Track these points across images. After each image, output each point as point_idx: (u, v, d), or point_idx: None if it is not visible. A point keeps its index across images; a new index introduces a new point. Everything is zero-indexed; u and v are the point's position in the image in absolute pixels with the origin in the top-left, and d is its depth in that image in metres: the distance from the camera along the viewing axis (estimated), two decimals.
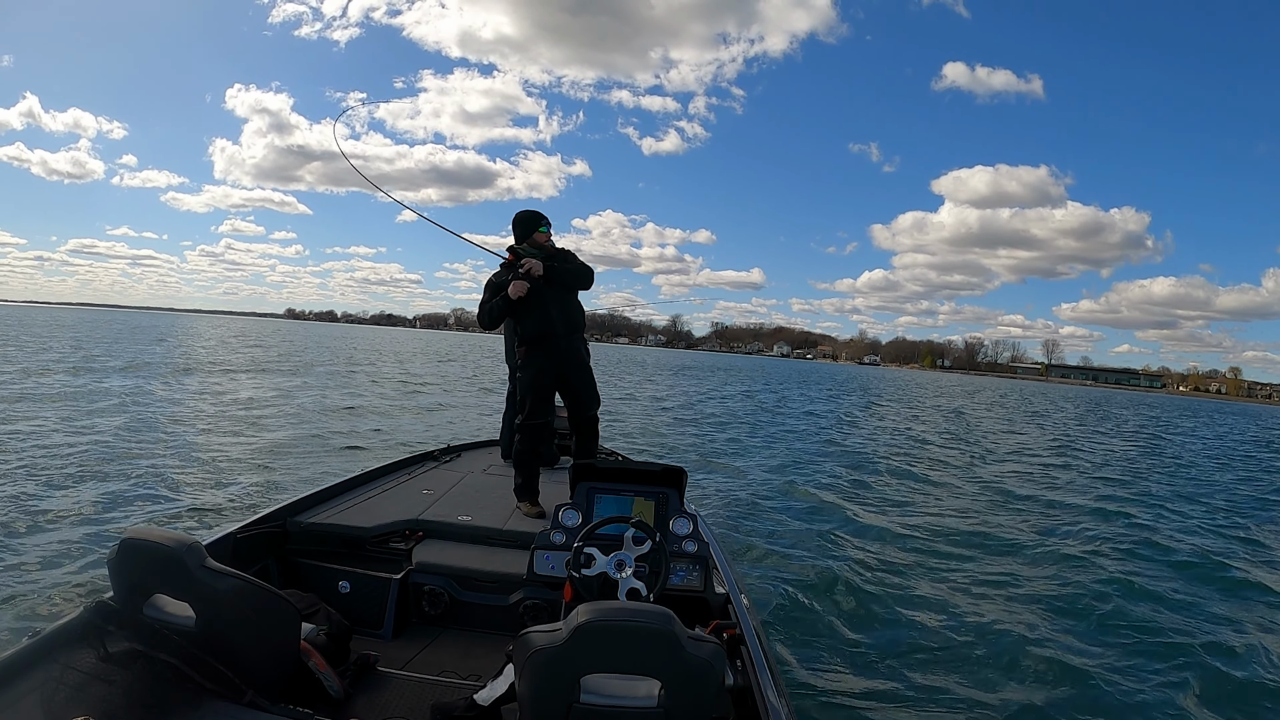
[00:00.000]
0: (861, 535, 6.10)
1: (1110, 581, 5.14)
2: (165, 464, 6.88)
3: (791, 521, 6.40)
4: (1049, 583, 5.09)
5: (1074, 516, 7.67)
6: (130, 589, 1.69)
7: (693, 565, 2.30)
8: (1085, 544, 6.28)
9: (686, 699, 1.41)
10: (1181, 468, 13.69)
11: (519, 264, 3.43)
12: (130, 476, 6.25)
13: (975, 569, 5.33)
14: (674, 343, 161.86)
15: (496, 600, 2.69)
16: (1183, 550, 6.31)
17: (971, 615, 4.32)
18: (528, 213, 3.55)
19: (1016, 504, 8.24)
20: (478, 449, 4.75)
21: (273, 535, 2.77)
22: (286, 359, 26.01)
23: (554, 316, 3.46)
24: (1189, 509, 8.76)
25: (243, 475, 6.70)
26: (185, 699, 1.57)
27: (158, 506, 5.44)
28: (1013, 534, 6.61)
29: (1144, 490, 10.03)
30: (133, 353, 23.06)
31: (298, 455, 7.92)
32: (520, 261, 3.44)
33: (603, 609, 1.41)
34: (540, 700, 1.43)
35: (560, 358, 3.52)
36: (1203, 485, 11.27)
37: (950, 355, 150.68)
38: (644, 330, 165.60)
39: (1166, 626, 4.37)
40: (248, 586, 1.68)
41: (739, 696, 1.88)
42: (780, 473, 9.05)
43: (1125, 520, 7.49)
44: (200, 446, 7.97)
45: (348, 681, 2.05)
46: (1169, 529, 7.28)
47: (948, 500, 8.21)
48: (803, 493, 7.76)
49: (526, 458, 3.45)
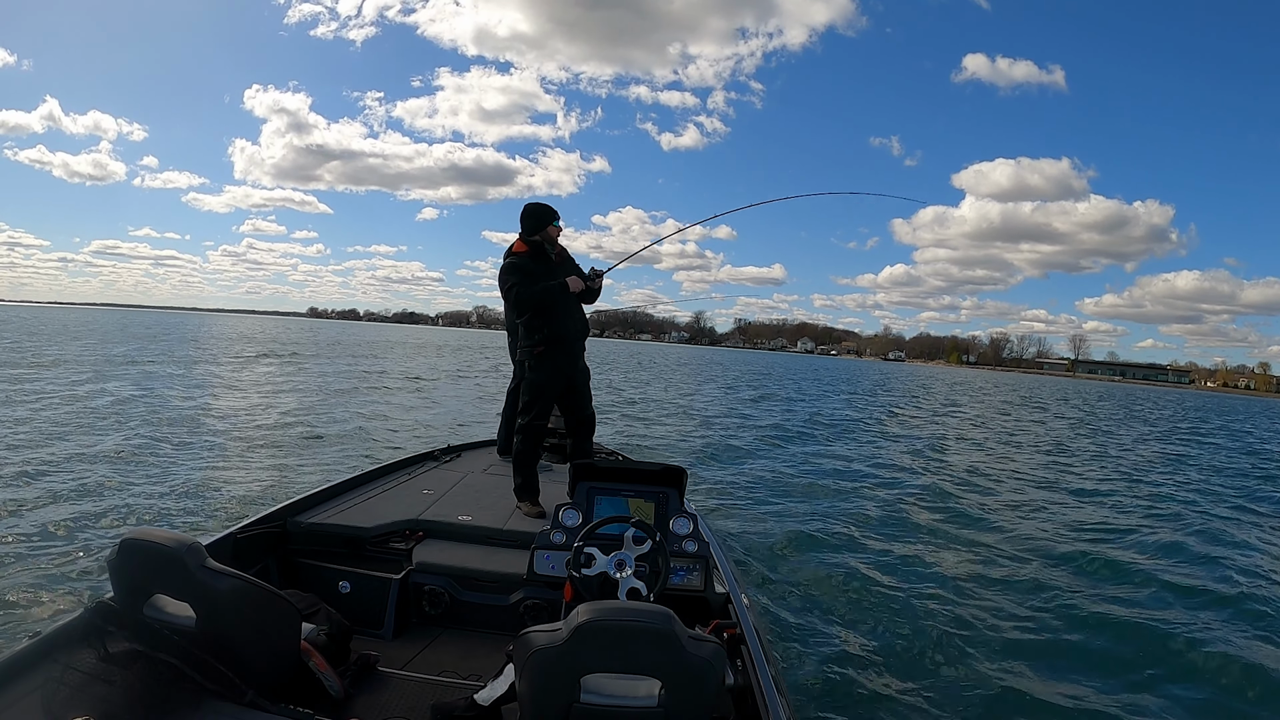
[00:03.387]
0: (862, 535, 6.10)
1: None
2: (165, 464, 6.88)
3: (792, 521, 6.40)
4: (1060, 586, 5.06)
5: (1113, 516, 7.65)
6: (130, 589, 1.69)
7: (693, 565, 2.30)
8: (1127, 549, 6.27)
9: (687, 699, 1.41)
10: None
11: (593, 276, 3.58)
12: (130, 476, 6.26)
13: (979, 572, 5.33)
14: (697, 339, 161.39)
15: (497, 600, 2.69)
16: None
17: (975, 617, 4.32)
18: (540, 206, 3.55)
19: (1017, 501, 8.24)
20: (478, 449, 4.75)
21: (273, 535, 2.77)
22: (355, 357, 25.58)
23: (577, 321, 3.59)
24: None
25: (243, 475, 6.70)
26: (185, 699, 1.57)
27: (158, 507, 5.44)
28: (1015, 534, 6.61)
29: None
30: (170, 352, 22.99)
31: (302, 454, 7.92)
32: (592, 271, 3.61)
33: (603, 609, 1.41)
34: (540, 700, 1.42)
35: (572, 362, 3.61)
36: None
37: (975, 351, 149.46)
38: (667, 327, 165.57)
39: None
40: (248, 586, 1.68)
41: (739, 696, 1.88)
42: (781, 473, 9.05)
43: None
44: (201, 446, 7.97)
45: (348, 681, 2.05)
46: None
47: (960, 506, 8.20)
48: (803, 492, 7.77)
49: (527, 458, 3.46)
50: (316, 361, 24.87)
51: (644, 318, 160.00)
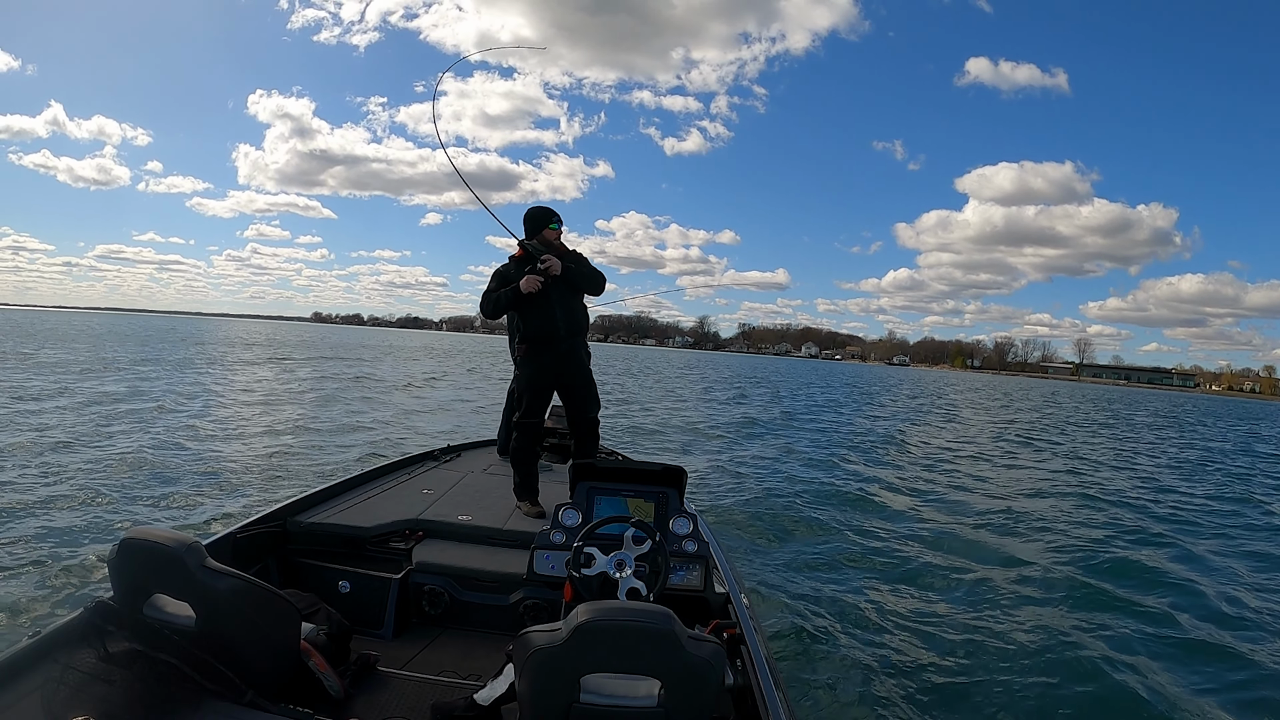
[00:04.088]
0: (863, 535, 6.10)
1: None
2: (165, 465, 6.88)
3: (792, 522, 6.40)
4: (1061, 584, 5.07)
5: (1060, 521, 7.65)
6: (130, 589, 1.69)
7: (693, 565, 2.30)
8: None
9: (686, 699, 1.41)
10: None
11: (539, 260, 3.39)
12: (130, 477, 6.26)
13: (980, 575, 5.33)
14: (701, 344, 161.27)
15: (496, 600, 2.69)
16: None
17: (975, 617, 4.32)
18: (539, 209, 3.56)
19: (1013, 504, 8.24)
20: (478, 448, 4.75)
21: (273, 535, 2.77)
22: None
23: (558, 318, 3.46)
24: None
25: (243, 475, 6.70)
26: (185, 699, 1.57)
27: (158, 506, 5.44)
28: (1018, 534, 6.61)
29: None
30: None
31: (302, 454, 7.92)
32: (541, 257, 3.40)
33: (603, 609, 1.41)
34: (540, 700, 1.42)
35: (561, 359, 3.52)
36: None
37: (979, 355, 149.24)
38: (671, 332, 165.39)
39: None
40: (248, 586, 1.68)
41: (739, 696, 1.88)
42: (780, 473, 9.05)
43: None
44: (202, 446, 7.97)
45: (348, 681, 2.05)
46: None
47: (961, 499, 8.20)
48: (804, 493, 7.76)
49: (523, 454, 3.46)
50: (318, 364, 24.86)
51: (648, 322, 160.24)
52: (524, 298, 3.39)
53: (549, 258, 3.39)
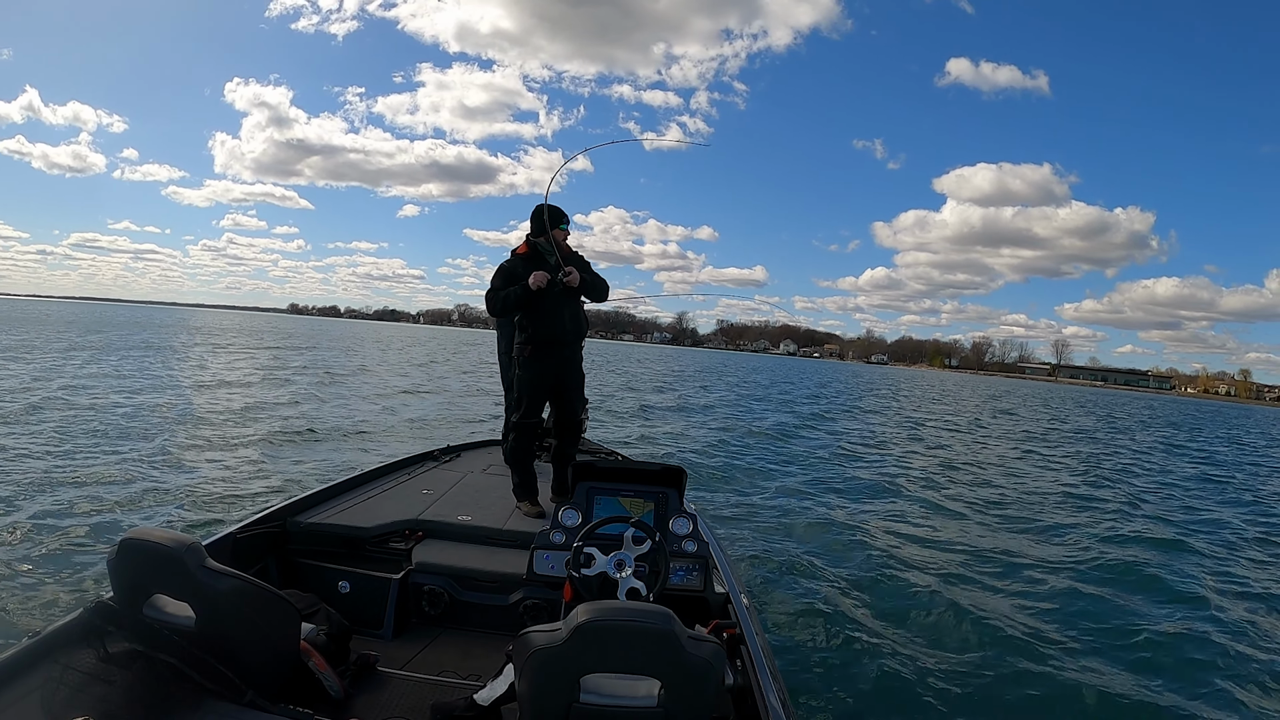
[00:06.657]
0: (864, 536, 6.10)
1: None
2: (166, 465, 6.88)
3: (792, 521, 6.39)
4: (1061, 584, 5.07)
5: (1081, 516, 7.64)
6: (130, 589, 1.69)
7: (692, 565, 2.30)
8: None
9: (686, 699, 1.41)
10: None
11: (562, 272, 3.40)
12: (130, 476, 6.25)
13: (981, 575, 5.33)
14: (680, 340, 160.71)
15: (496, 600, 2.70)
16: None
17: (976, 618, 4.31)
18: (552, 208, 3.47)
19: (1007, 508, 8.24)
20: (478, 449, 4.75)
21: (273, 535, 2.77)
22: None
23: (566, 322, 3.49)
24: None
25: (243, 475, 6.70)
26: (185, 699, 1.57)
27: (158, 506, 5.43)
28: (1018, 534, 6.61)
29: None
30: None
31: (302, 454, 7.92)
32: (565, 269, 3.40)
33: (603, 609, 1.41)
34: (540, 700, 1.42)
35: (564, 363, 3.56)
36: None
37: (957, 355, 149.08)
38: (650, 328, 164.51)
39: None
40: (247, 586, 1.68)
41: (739, 696, 1.88)
42: (781, 472, 9.05)
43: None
44: (203, 447, 7.96)
45: (348, 681, 2.06)
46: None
47: (957, 506, 8.20)
48: (804, 494, 7.76)
49: (520, 455, 3.47)
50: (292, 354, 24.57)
51: (626, 318, 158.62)
52: (532, 298, 3.39)
53: (571, 270, 3.42)
